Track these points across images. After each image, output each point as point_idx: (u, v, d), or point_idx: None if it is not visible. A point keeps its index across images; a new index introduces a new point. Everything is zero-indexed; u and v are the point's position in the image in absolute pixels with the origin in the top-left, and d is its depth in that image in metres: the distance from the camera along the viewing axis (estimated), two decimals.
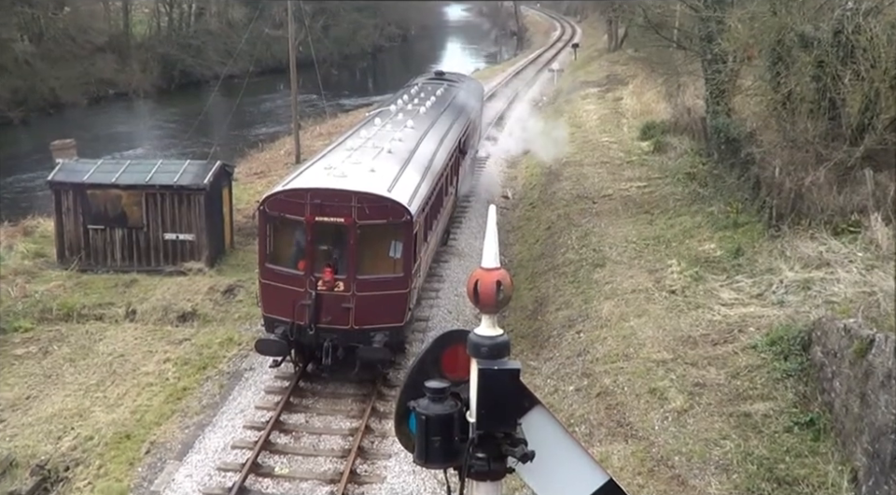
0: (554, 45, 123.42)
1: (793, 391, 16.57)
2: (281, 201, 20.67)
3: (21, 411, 20.52)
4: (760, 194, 26.24)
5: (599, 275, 25.42)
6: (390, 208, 20.36)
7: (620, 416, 17.57)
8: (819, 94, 25.06)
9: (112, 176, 28.97)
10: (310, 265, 20.29)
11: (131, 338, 24.03)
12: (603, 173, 37.73)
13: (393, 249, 20.90)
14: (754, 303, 20.56)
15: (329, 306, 20.15)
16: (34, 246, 30.73)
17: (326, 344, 20.02)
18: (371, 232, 20.57)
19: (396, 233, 20.76)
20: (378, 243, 20.93)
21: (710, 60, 32.76)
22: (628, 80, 62.11)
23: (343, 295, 20.24)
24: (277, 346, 20.23)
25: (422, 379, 4.50)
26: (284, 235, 21.33)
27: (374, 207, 20.21)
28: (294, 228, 20.89)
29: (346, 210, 20.11)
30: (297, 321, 20.09)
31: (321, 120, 59.05)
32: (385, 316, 20.45)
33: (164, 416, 20.12)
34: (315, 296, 20.01)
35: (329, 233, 20.62)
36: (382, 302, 20.42)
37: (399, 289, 20.73)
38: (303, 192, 20.45)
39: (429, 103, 32.46)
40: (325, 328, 20.13)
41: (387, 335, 20.41)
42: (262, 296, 21.37)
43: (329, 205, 20.16)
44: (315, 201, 20.14)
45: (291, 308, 20.09)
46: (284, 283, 20.57)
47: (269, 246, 21.26)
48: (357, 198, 20.15)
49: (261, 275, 21.29)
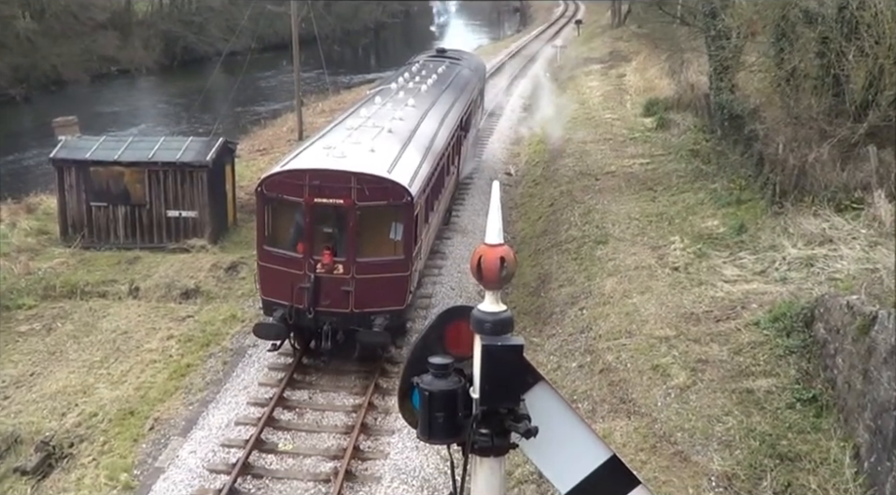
0: (557, 21, 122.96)
1: (796, 368, 16.58)
2: (279, 182, 20.29)
3: (25, 388, 20.59)
4: (763, 171, 26.19)
5: (602, 251, 25.41)
6: (390, 189, 20.01)
7: (622, 392, 17.59)
8: (822, 71, 24.99)
9: (115, 153, 28.97)
10: (309, 248, 19.95)
11: (134, 315, 24.08)
12: (606, 150, 37.66)
13: (393, 231, 20.57)
14: (757, 279, 20.54)
15: (329, 289, 19.83)
16: (37, 223, 30.77)
17: (325, 327, 19.77)
18: (371, 213, 20.24)
19: (396, 215, 20.42)
20: (378, 225, 20.58)
21: (714, 36, 32.64)
22: (631, 57, 61.94)
23: (342, 278, 19.90)
24: (276, 329, 19.90)
25: (425, 355, 4.50)
26: (282, 217, 20.96)
27: (374, 188, 19.85)
28: (292, 209, 20.51)
29: (346, 191, 19.76)
30: (296, 304, 19.76)
31: (324, 97, 58.93)
32: (385, 299, 20.13)
33: (168, 392, 20.18)
34: (313, 279, 19.71)
35: (329, 214, 20.24)
36: (382, 285, 20.10)
37: (399, 272, 20.43)
38: (302, 173, 20.12)
39: (431, 81, 32.07)
40: (324, 311, 19.83)
41: (388, 319, 20.03)
42: (260, 279, 21.00)
43: (328, 187, 19.79)
44: (313, 182, 19.81)
45: (290, 291, 19.76)
46: (282, 266, 20.23)
47: (267, 227, 20.91)
48: (357, 179, 19.78)
49: (259, 257, 20.98)
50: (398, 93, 29.22)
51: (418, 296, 23.59)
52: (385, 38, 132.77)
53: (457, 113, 30.11)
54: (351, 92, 60.95)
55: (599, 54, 70.60)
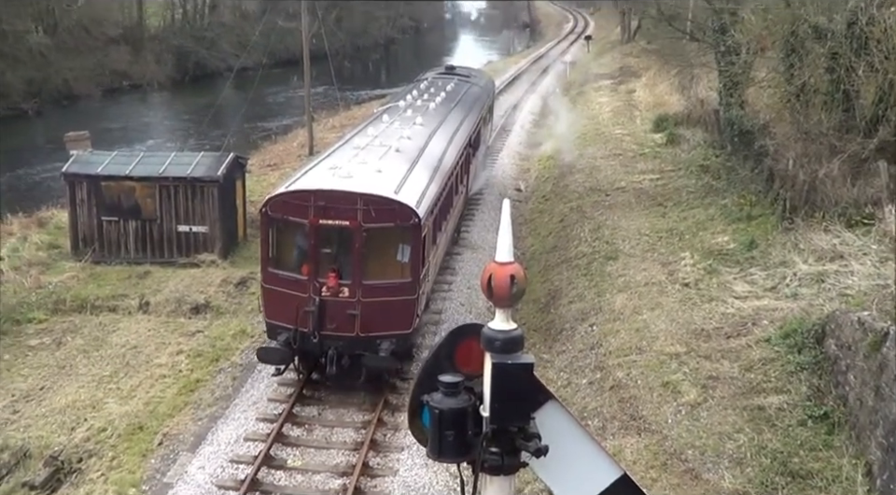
0: (567, 37, 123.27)
1: (807, 385, 16.52)
2: (284, 203, 19.91)
3: (34, 402, 20.60)
4: (773, 186, 26.16)
5: (612, 267, 25.37)
6: (397, 211, 19.59)
7: (633, 409, 17.54)
8: (832, 86, 24.98)
9: (126, 167, 29.07)
10: (314, 270, 19.56)
11: (144, 330, 24.11)
12: (616, 165, 37.66)
13: (400, 253, 20.12)
14: (768, 295, 20.50)
15: (334, 313, 19.46)
16: (48, 237, 30.86)
17: (330, 352, 19.32)
18: (378, 235, 19.87)
19: (403, 237, 19.99)
20: (385, 247, 20.17)
21: (724, 52, 32.66)
22: (641, 72, 61.99)
23: (348, 301, 19.48)
24: (279, 354, 19.46)
25: (435, 373, 4.48)
26: (287, 239, 20.59)
27: (381, 210, 19.43)
28: (297, 231, 20.12)
29: (351, 213, 19.36)
30: (300, 328, 19.41)
31: (334, 112, 59.08)
32: (391, 323, 19.70)
33: (177, 407, 20.17)
34: (318, 302, 19.34)
35: (334, 236, 19.87)
36: (388, 308, 19.65)
37: (406, 295, 19.96)
38: (307, 194, 19.71)
39: (439, 98, 31.74)
40: (329, 335, 19.43)
41: (394, 343, 19.61)
42: (264, 302, 20.45)
43: (334, 208, 19.41)
44: (318, 203, 19.43)
45: (294, 314, 19.41)
46: (287, 288, 19.82)
47: (271, 249, 20.51)
48: (363, 200, 19.37)
49: (263, 279, 20.48)
50: (406, 111, 28.93)
51: (428, 312, 23.50)
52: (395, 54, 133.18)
53: (466, 131, 29.81)
54: (361, 108, 61.10)
55: (609, 70, 70.68)
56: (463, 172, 29.35)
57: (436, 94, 32.75)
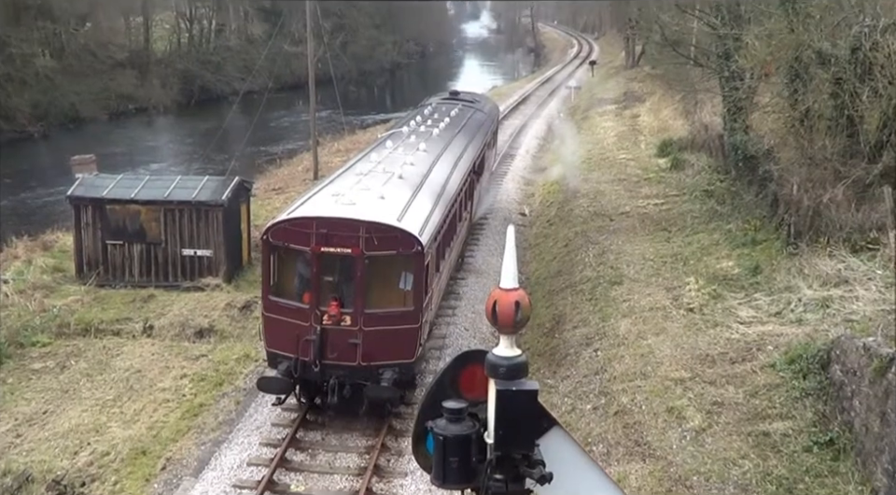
0: (572, 62, 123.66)
1: (812, 410, 16.47)
2: (285, 230, 19.66)
3: (37, 426, 20.57)
4: (778, 212, 26.17)
5: (616, 292, 25.35)
6: (400, 239, 19.33)
7: (637, 435, 17.49)
8: (836, 111, 25.01)
9: (131, 191, 29.13)
10: (315, 298, 19.26)
11: (148, 354, 24.09)
12: (620, 190, 37.70)
13: (403, 281, 19.83)
14: (772, 321, 20.46)
15: (336, 342, 19.19)
16: (52, 260, 30.90)
17: (332, 381, 19.09)
18: (380, 263, 19.55)
19: (406, 265, 19.69)
20: (387, 275, 19.86)
21: (728, 77, 32.73)
22: (645, 97, 62.17)
23: (349, 330, 19.22)
24: (279, 384, 19.23)
25: (440, 399, 4.49)
26: (288, 266, 20.27)
27: (383, 238, 19.16)
28: (299, 259, 19.84)
29: (354, 240, 19.07)
30: (301, 357, 19.15)
31: (339, 137, 59.22)
32: (394, 352, 19.36)
33: (180, 432, 20.13)
34: (320, 331, 19.10)
35: (336, 264, 19.59)
36: (391, 337, 19.37)
37: (409, 324, 19.62)
38: (309, 221, 19.48)
39: (443, 124, 31.49)
40: (331, 364, 19.15)
41: (397, 372, 19.22)
42: (265, 330, 20.15)
43: (336, 235, 19.13)
44: (320, 230, 19.16)
45: (296, 343, 19.17)
46: (288, 317, 19.57)
47: (272, 277, 20.19)
48: (366, 228, 19.11)
49: (265, 307, 20.17)
50: (409, 137, 28.72)
51: (432, 337, 23.44)
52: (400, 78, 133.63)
53: (470, 157, 29.61)
54: (366, 132, 61.24)
55: (613, 95, 70.85)
56: (467, 198, 29.15)
57: (440, 120, 32.55)
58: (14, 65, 73.86)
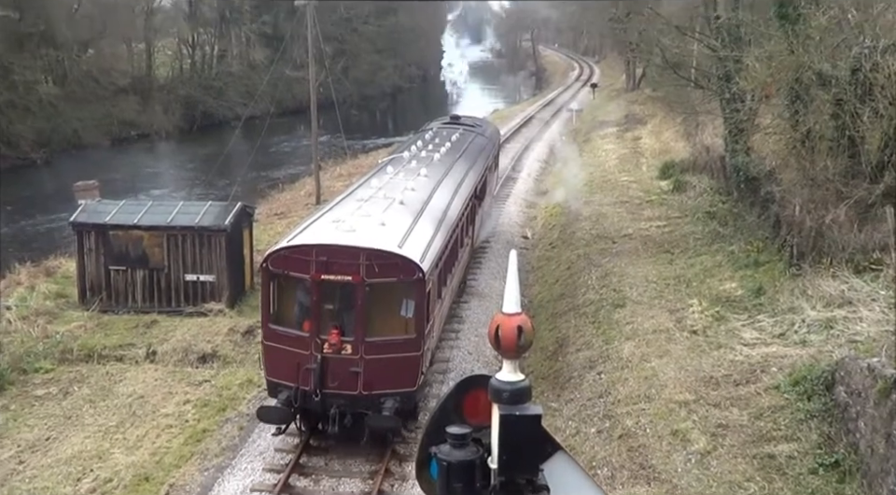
0: (573, 85, 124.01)
1: (817, 432, 16.42)
2: (285, 257, 19.50)
3: (40, 452, 20.53)
4: (780, 233, 26.17)
5: (620, 315, 25.32)
6: (401, 266, 19.18)
7: (642, 458, 17.43)
8: (838, 132, 25.03)
9: (134, 217, 29.19)
10: (315, 326, 19.09)
11: (151, 379, 24.07)
12: (622, 212, 37.74)
13: (404, 309, 19.65)
14: (776, 342, 20.43)
15: (336, 370, 18.98)
16: (55, 286, 30.93)
17: (332, 410, 18.84)
18: (381, 291, 19.42)
19: (407, 292, 19.55)
20: (388, 303, 19.71)
21: (728, 99, 32.80)
22: (647, 119, 62.33)
23: (350, 358, 19.01)
24: (279, 413, 19.06)
25: (443, 424, 4.47)
26: (288, 294, 20.12)
27: (384, 265, 18.99)
28: (299, 286, 19.71)
29: (354, 268, 18.91)
30: (302, 386, 18.93)
31: (341, 161, 59.39)
32: (395, 380, 19.22)
33: (183, 458, 20.08)
34: (320, 359, 18.87)
35: (336, 292, 19.44)
36: (392, 365, 19.18)
37: (410, 352, 19.46)
38: (308, 249, 19.34)
39: (444, 149, 31.56)
40: (331, 393, 18.91)
41: (398, 401, 19.07)
42: (265, 359, 19.95)
43: (336, 263, 18.97)
44: (320, 258, 19.02)
45: (296, 372, 18.99)
46: (288, 345, 19.37)
47: (272, 305, 20.03)
48: (366, 255, 18.96)
49: (264, 336, 20.01)
50: (410, 162, 28.70)
51: (435, 360, 23.39)
52: (402, 102, 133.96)
53: (472, 182, 29.47)
54: (368, 156, 61.34)
55: (615, 117, 71.04)
56: (468, 223, 28.98)
57: (441, 145, 32.47)
58: (17, 92, 74.18)
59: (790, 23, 26.44)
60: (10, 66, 73.98)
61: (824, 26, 25.44)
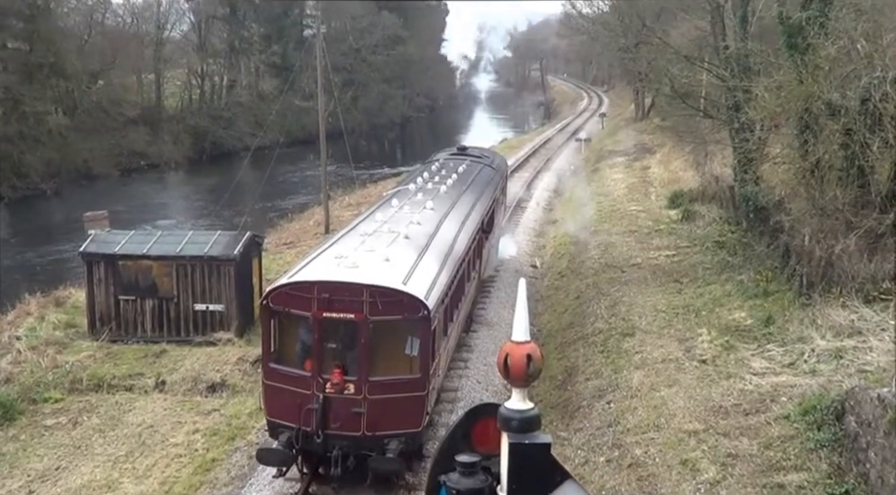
0: (582, 114, 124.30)
1: (827, 462, 16.36)
2: (286, 294, 18.88)
3: (50, 482, 20.51)
4: (790, 262, 26.14)
5: (629, 344, 25.30)
6: (406, 303, 18.50)
7: (651, 487, 17.37)
8: (847, 162, 25.01)
9: (143, 247, 29.27)
10: (317, 365, 18.50)
11: (160, 409, 24.07)
12: (631, 242, 37.73)
13: (409, 347, 18.90)
14: (786, 372, 20.38)
15: (339, 411, 18.32)
16: (65, 316, 30.98)
17: (335, 452, 18.20)
18: (385, 329, 18.73)
19: (412, 330, 18.80)
20: (392, 341, 19.00)
21: (738, 128, 32.83)
22: (655, 149, 62.41)
23: (353, 399, 18.36)
24: (280, 456, 18.43)
25: (452, 453, 4.49)
26: (289, 332, 19.50)
27: (388, 302, 18.32)
28: (300, 324, 19.09)
29: (357, 305, 18.28)
30: (303, 427, 18.27)
31: (350, 190, 59.57)
32: (400, 421, 18.51)
33: (193, 487, 20.04)
34: (322, 399, 18.21)
35: (339, 330, 18.83)
36: (397, 405, 18.49)
37: (415, 392, 18.80)
38: (310, 286, 18.70)
39: (451, 181, 30.82)
40: (334, 435, 18.27)
41: (403, 443, 18.40)
42: (266, 399, 19.36)
43: (339, 300, 18.35)
44: (322, 295, 18.38)
45: (297, 412, 18.32)
46: (289, 385, 18.78)
47: (273, 343, 19.45)
48: (369, 292, 18.29)
49: (265, 375, 19.42)
50: (416, 195, 27.95)
51: (443, 389, 23.31)
52: (411, 132, 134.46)
53: (479, 214, 28.88)
54: (377, 186, 61.51)
55: (623, 147, 71.16)
56: (475, 257, 28.43)
57: (447, 176, 31.84)
58: (27, 123, 74.65)
59: (799, 53, 26.50)
60: (21, 98, 74.51)
61: (833, 56, 25.49)
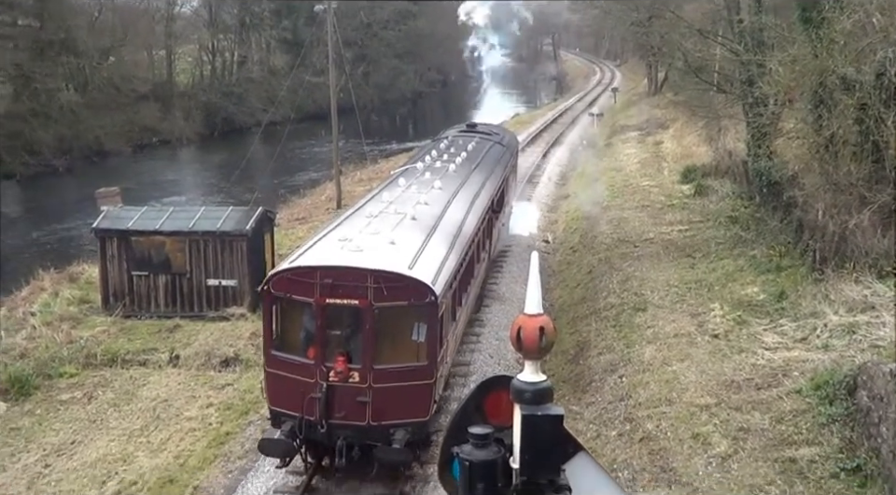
0: (594, 89, 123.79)
1: (839, 436, 16.38)
2: (287, 280, 18.22)
3: (66, 456, 20.67)
4: (803, 237, 26.08)
5: (641, 319, 25.31)
6: (412, 288, 17.86)
7: (663, 461, 17.42)
8: (861, 137, 24.90)
9: (156, 222, 29.33)
10: (321, 353, 17.89)
11: (174, 383, 24.20)
12: (644, 217, 37.67)
13: (416, 334, 18.38)
14: (798, 347, 20.38)
15: (343, 400, 17.70)
16: (79, 292, 31.10)
17: (339, 442, 17.59)
18: (391, 315, 18.19)
19: (418, 316, 18.24)
20: (398, 328, 18.49)
21: (751, 103, 32.65)
22: (668, 124, 62.16)
23: (358, 387, 17.75)
24: (282, 446, 17.81)
25: (465, 425, 4.51)
26: (291, 319, 19.01)
27: (393, 288, 17.67)
28: (303, 311, 18.52)
29: (361, 291, 17.62)
30: (306, 416, 17.66)
31: (362, 166, 59.51)
32: (406, 410, 17.92)
33: (207, 460, 20.18)
34: (326, 388, 17.62)
35: (343, 316, 18.29)
36: (403, 394, 17.86)
37: (422, 380, 18.13)
38: (312, 271, 18.04)
39: (460, 159, 29.91)
40: (338, 424, 17.67)
41: (409, 432, 17.79)
42: (268, 387, 18.70)
43: (342, 286, 17.71)
44: (325, 280, 17.72)
45: (300, 401, 17.66)
46: (292, 373, 18.15)
47: (275, 330, 18.86)
48: (374, 277, 17.63)
49: (267, 363, 18.75)
50: (424, 174, 27.28)
51: (455, 364, 23.28)
52: (422, 107, 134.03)
53: (489, 193, 28.22)
54: (389, 161, 61.42)
55: (636, 121, 70.91)
56: (485, 237, 27.82)
57: (456, 154, 30.99)
58: (39, 100, 74.67)
59: (813, 27, 26.33)
60: (32, 75, 74.50)
61: (848, 30, 25.32)
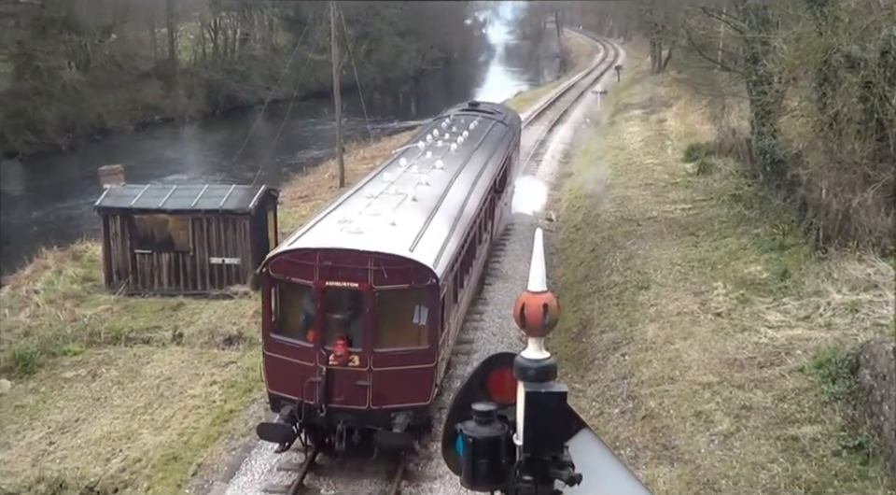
0: (598, 67, 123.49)
1: (841, 415, 16.42)
2: (286, 262, 18.02)
3: (70, 433, 20.76)
4: (806, 216, 26.05)
5: (644, 297, 25.32)
6: (413, 271, 17.63)
7: (665, 439, 17.47)
8: (866, 115, 24.84)
9: (159, 200, 29.32)
10: (320, 336, 17.67)
11: (177, 361, 24.25)
12: (647, 195, 37.62)
13: (417, 317, 18.19)
14: (801, 325, 20.40)
15: (343, 384, 17.51)
16: (82, 270, 31.12)
17: (339, 426, 17.41)
18: (391, 298, 17.99)
19: (419, 299, 18.07)
20: (399, 311, 18.30)
21: (755, 81, 32.55)
22: (672, 102, 61.98)
23: (358, 371, 17.52)
24: (281, 431, 17.61)
25: (469, 402, 4.52)
26: (290, 302, 18.86)
27: (394, 270, 17.44)
28: (302, 294, 18.39)
29: (361, 273, 17.39)
30: (306, 400, 17.48)
31: (365, 144, 59.43)
32: (407, 394, 17.73)
33: (211, 438, 20.25)
34: (326, 372, 17.41)
35: (342, 299, 18.06)
36: (403, 378, 17.67)
37: (423, 364, 17.95)
38: (312, 253, 17.78)
39: (461, 138, 29.58)
40: (338, 408, 17.47)
41: (410, 416, 17.61)
42: (267, 371, 18.50)
43: (342, 268, 17.48)
44: (325, 262, 17.51)
45: (300, 385, 17.50)
46: (291, 356, 17.98)
47: (274, 313, 18.67)
48: (374, 260, 17.38)
49: (266, 346, 18.59)
50: (425, 154, 26.86)
51: (459, 341, 23.33)
52: (425, 85, 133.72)
53: (491, 173, 27.98)
54: (392, 139, 61.31)
55: (640, 100, 70.73)
56: (487, 218, 27.58)
57: (458, 134, 30.64)
58: (41, 78, 74.49)
59: (818, 5, 26.19)
60: (34, 53, 74.26)
61: (853, 8, 25.22)
